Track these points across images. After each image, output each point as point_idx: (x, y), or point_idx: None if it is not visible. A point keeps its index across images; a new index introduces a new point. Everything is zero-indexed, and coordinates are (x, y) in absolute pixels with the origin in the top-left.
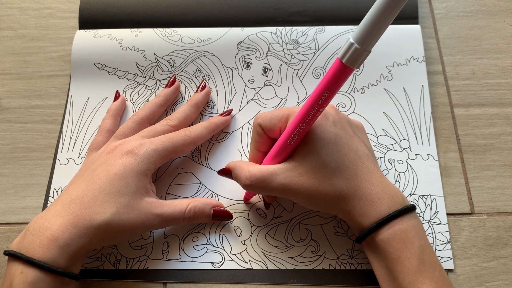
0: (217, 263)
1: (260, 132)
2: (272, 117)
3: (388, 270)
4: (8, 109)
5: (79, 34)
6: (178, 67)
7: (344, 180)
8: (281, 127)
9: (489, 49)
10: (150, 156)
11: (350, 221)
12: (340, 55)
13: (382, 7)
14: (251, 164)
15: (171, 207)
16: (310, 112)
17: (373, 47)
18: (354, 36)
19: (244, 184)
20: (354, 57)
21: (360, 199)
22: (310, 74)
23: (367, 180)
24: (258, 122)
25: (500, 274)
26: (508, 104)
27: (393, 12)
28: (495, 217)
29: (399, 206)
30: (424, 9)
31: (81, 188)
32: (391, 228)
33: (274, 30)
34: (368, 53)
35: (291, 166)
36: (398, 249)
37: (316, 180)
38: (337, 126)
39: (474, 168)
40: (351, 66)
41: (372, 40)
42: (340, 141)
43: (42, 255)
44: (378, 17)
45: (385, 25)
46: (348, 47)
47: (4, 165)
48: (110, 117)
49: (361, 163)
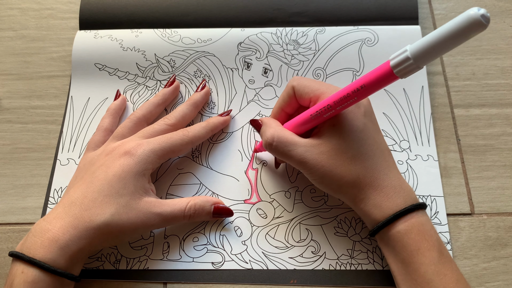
0: (217, 263)
1: (291, 94)
2: (307, 85)
3: (405, 263)
4: (8, 109)
5: (79, 35)
6: (178, 67)
7: (363, 168)
8: (312, 98)
9: (489, 49)
10: (148, 156)
11: (361, 211)
12: (393, 64)
13: (453, 32)
14: (280, 125)
15: (170, 206)
16: (345, 102)
17: (373, 48)
18: (412, 52)
19: (266, 141)
20: (406, 71)
21: (375, 189)
22: (310, 75)
23: (385, 174)
24: (293, 85)
25: (500, 274)
26: (508, 104)
27: (462, 39)
28: (495, 218)
29: (413, 201)
30: (424, 10)
31: (81, 191)
32: (408, 220)
33: (274, 31)
34: (419, 70)
35: (314, 142)
36: (417, 241)
37: (335, 162)
38: (367, 117)
39: (474, 168)
40: (400, 77)
41: (429, 60)
42: (368, 131)
43: (43, 256)
44: (444, 41)
45: (448, 49)
46: (404, 59)
47: (5, 165)
48: (109, 116)
49: (382, 156)
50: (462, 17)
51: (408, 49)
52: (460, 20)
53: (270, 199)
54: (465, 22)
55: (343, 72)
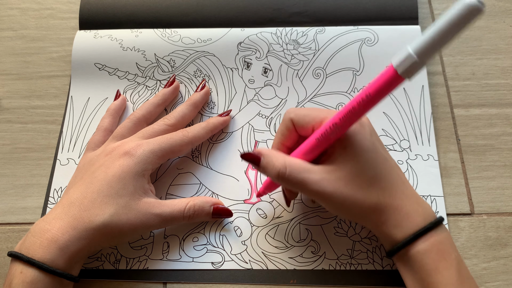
0: (217, 263)
1: (290, 127)
2: (306, 115)
3: (424, 283)
4: (8, 109)
5: (79, 35)
6: (178, 67)
7: (380, 190)
8: (314, 126)
9: (489, 49)
10: (147, 157)
11: (381, 233)
12: (396, 64)
13: (453, 21)
14: (286, 155)
15: (170, 207)
16: (351, 116)
17: (373, 48)
18: (414, 48)
19: (278, 171)
20: (410, 69)
21: (395, 210)
22: (310, 75)
23: (402, 192)
24: (291, 117)
25: (500, 274)
26: (508, 104)
27: (462, 27)
28: (495, 218)
29: (432, 218)
30: (424, 10)
31: (80, 191)
32: (428, 240)
33: (274, 31)
34: (423, 66)
35: (329, 168)
36: (436, 260)
37: (353, 187)
38: (373, 136)
39: (474, 168)
40: (405, 77)
41: (433, 54)
42: (377, 150)
43: (42, 256)
44: (445, 32)
45: (450, 40)
46: (406, 57)
47: (5, 165)
48: (109, 116)
49: (395, 173)
50: (459, 5)
51: (409, 47)
52: (458, 8)
53: (270, 199)
54: (462, 10)
55: (343, 72)
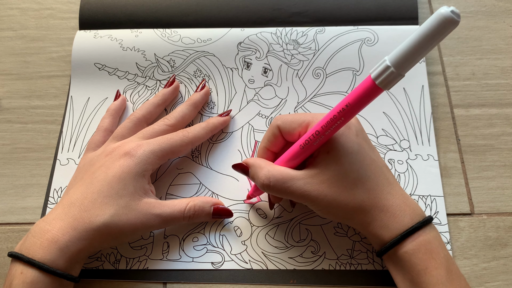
0: (217, 263)
1: (277, 134)
2: (292, 121)
3: (414, 283)
4: (8, 109)
5: (79, 35)
6: (178, 67)
7: (365, 191)
8: (300, 132)
9: (489, 49)
10: (147, 157)
11: (369, 234)
12: (374, 75)
13: (427, 34)
14: (270, 163)
15: (170, 207)
16: (332, 125)
17: (373, 48)
18: (391, 60)
19: (262, 183)
20: (388, 80)
21: (381, 211)
22: (310, 75)
23: (388, 192)
24: (278, 124)
25: (500, 274)
26: (508, 104)
27: (438, 39)
28: (495, 218)
29: (420, 218)
30: (424, 10)
31: (80, 191)
32: (416, 239)
33: (274, 31)
34: (402, 78)
35: (312, 173)
36: (425, 260)
37: (337, 190)
38: (360, 136)
39: (474, 168)
40: (383, 88)
41: (410, 66)
42: (363, 151)
43: (42, 256)
44: (421, 43)
45: (427, 51)
46: (384, 69)
47: (4, 165)
48: (109, 116)
49: (382, 174)
50: (434, 18)
51: (387, 58)
52: (433, 21)
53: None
54: (438, 22)
55: (343, 72)
